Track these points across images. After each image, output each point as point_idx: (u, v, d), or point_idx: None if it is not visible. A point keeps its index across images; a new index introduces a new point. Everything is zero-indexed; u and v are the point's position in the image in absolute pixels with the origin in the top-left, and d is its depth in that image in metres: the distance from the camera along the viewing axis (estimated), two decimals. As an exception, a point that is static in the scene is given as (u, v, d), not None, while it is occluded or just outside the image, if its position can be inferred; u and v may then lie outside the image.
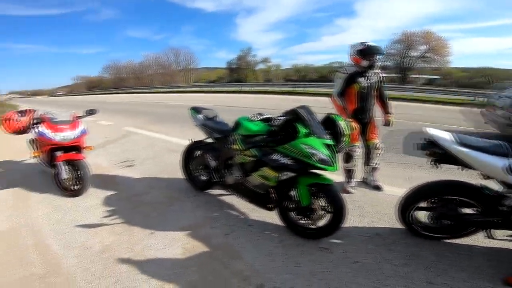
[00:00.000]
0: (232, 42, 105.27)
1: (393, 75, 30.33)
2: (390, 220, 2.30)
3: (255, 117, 2.29)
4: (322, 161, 1.85)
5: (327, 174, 2.01)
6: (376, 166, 2.90)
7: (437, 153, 1.84)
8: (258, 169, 2.11)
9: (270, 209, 2.23)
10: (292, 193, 2.06)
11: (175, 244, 2.10)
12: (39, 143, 3.22)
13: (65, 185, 2.95)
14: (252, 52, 39.82)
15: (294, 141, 1.90)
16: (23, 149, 4.84)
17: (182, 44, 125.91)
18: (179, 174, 3.16)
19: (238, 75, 36.48)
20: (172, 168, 3.69)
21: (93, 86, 53.91)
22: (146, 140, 5.67)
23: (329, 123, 2.09)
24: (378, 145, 2.84)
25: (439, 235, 2.04)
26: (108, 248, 2.09)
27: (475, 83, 26.20)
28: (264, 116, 2.31)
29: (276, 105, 10.92)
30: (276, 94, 18.07)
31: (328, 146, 1.91)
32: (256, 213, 2.47)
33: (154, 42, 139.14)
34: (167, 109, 11.62)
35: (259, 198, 2.24)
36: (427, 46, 29.73)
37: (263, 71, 39.64)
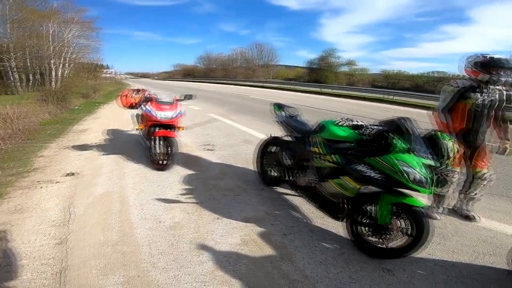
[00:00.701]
0: (314, 42, 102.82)
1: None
2: (474, 253, 2.02)
3: (343, 122, 2.17)
4: (416, 181, 1.68)
5: (418, 196, 1.81)
6: (475, 196, 2.44)
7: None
8: (337, 177, 2.02)
9: (338, 218, 2.12)
10: (370, 208, 1.91)
11: (235, 234, 2.19)
12: (144, 118, 3.85)
13: (156, 158, 3.44)
14: (335, 53, 38.02)
15: (389, 154, 1.75)
16: (127, 122, 5.92)
17: (265, 40, 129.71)
18: (251, 165, 3.30)
19: (318, 76, 35.34)
20: (246, 158, 3.90)
21: (187, 74, 61.25)
22: (227, 128, 6.16)
23: (432, 141, 1.87)
24: (486, 175, 2.37)
25: None
26: (177, 225, 2.28)
27: None
28: (354, 123, 2.16)
29: (365, 112, 9.95)
30: (360, 100, 16.53)
31: (426, 166, 1.73)
32: (320, 220, 2.40)
33: (241, 36, 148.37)
34: (247, 101, 12.26)
35: (330, 206, 2.15)
36: None
37: (347, 74, 37.35)
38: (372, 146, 1.86)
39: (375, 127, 1.90)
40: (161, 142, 3.43)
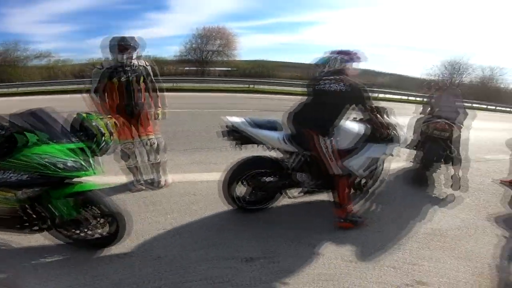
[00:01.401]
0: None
1: (193, 68, 33.05)
2: (183, 207, 2.47)
3: None
4: (68, 168, 1.60)
5: (92, 179, 1.76)
6: (156, 161, 2.82)
7: (237, 137, 2.12)
8: None
9: (37, 231, 1.80)
10: (52, 207, 1.70)
11: None
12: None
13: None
14: (21, 46, 29.11)
15: (22, 152, 1.55)
16: None
17: None
18: None
19: (-1, 75, 25.62)
20: None
21: None
22: None
23: (82, 124, 1.82)
24: (152, 140, 2.73)
25: (260, 206, 2.36)
26: None
27: (254, 73, 34.06)
28: None
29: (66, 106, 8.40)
30: (60, 94, 13.89)
31: (77, 150, 1.68)
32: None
33: None
34: None
35: (7, 221, 1.74)
36: (221, 40, 34.28)
37: (46, 67, 30.35)
38: (5, 147, 1.56)
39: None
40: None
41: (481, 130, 7.94)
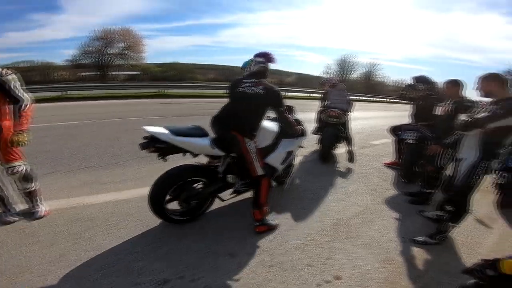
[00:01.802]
0: None
1: (92, 73, 29.06)
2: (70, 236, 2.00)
3: None
4: None
5: None
6: (25, 190, 2.26)
7: (160, 147, 1.97)
8: None
9: None
10: None
11: None
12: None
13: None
14: None
15: None
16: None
17: None
18: None
19: None
20: None
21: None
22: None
23: None
24: (13, 169, 2.14)
25: (193, 215, 2.27)
26: None
27: (167, 76, 32.06)
28: None
29: None
30: None
31: None
32: None
33: None
34: None
35: None
36: (125, 43, 31.08)
37: None
38: None
39: None
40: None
41: (367, 120, 9.51)
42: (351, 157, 4.08)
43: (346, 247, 2.11)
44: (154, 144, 1.98)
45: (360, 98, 23.99)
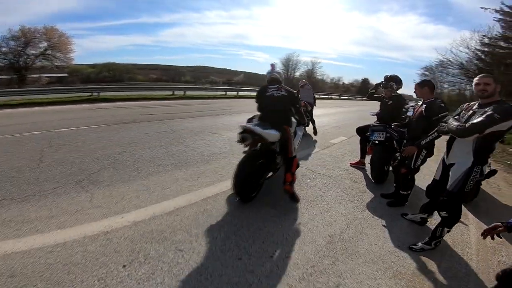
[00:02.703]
0: None
1: (7, 76, 24.46)
2: None
3: None
4: None
5: None
6: None
7: (255, 139, 2.57)
8: None
9: None
10: None
11: None
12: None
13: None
14: None
15: None
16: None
17: None
18: None
19: None
20: None
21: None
22: None
23: None
24: None
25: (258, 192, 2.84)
26: None
27: (102, 77, 28.69)
28: None
29: None
30: None
31: None
32: None
33: None
34: None
35: None
36: (49, 43, 26.78)
37: None
38: None
39: None
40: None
41: (320, 117, 9.82)
42: (315, 132, 6.53)
43: (351, 268, 1.91)
44: (253, 136, 2.53)
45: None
